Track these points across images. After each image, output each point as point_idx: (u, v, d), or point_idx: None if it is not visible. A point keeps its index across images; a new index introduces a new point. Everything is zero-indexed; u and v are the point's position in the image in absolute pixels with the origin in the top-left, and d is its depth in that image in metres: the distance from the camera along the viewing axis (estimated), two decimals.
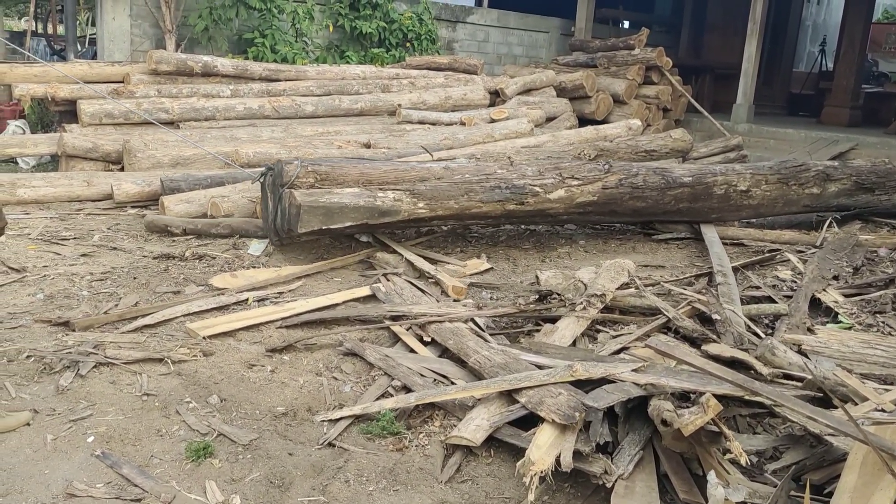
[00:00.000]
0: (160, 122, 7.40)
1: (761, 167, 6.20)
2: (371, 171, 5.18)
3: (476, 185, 5.17)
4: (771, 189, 6.08)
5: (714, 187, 5.85)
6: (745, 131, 11.52)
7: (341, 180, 5.03)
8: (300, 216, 4.59)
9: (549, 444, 2.59)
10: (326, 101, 8.49)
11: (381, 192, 4.88)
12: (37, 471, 2.55)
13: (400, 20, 11.53)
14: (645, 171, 5.71)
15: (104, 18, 9.72)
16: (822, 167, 6.33)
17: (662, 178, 5.71)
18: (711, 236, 5.62)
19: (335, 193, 4.77)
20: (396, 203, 4.87)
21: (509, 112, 9.01)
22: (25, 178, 6.11)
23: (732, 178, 5.94)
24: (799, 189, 6.17)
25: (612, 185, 5.53)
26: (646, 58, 11.42)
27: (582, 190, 5.44)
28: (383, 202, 4.83)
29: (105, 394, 3.05)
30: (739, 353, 3.30)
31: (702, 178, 5.85)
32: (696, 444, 2.63)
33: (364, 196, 4.80)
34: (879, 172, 6.53)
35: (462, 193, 5.11)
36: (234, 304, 4.07)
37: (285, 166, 4.93)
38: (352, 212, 4.73)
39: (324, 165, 5.05)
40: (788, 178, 6.13)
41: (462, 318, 3.77)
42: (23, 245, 4.88)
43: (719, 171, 6.00)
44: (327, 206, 4.66)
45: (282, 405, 3.09)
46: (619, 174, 5.58)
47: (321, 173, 4.99)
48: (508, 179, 5.31)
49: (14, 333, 3.53)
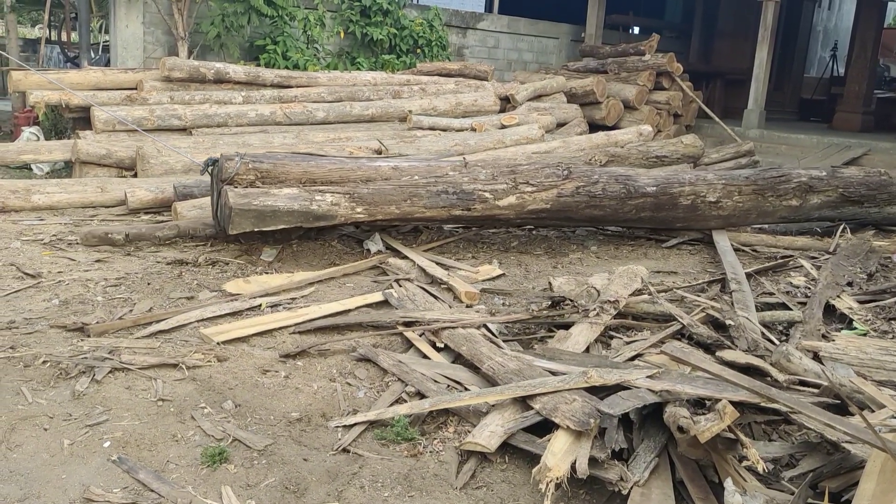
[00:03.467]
0: (173, 128, 7.45)
1: (737, 176, 5.93)
2: (314, 170, 5.02)
3: (422, 189, 5.03)
4: (744, 200, 5.82)
5: (680, 198, 5.64)
6: (756, 137, 11.49)
7: (283, 178, 4.89)
8: (231, 218, 4.55)
9: (565, 451, 2.58)
10: (337, 107, 8.52)
11: (319, 194, 4.76)
12: (54, 476, 2.56)
13: (410, 27, 11.58)
14: (606, 179, 5.48)
15: (117, 26, 9.79)
16: (805, 178, 5.99)
17: (624, 188, 5.49)
18: (724, 245, 5.55)
19: (271, 195, 4.66)
20: (333, 208, 4.75)
21: (520, 118, 9.02)
22: (40, 185, 6.15)
23: (701, 188, 5.69)
24: (776, 201, 5.90)
25: (567, 194, 5.34)
26: (656, 63, 11.42)
27: (534, 197, 5.26)
28: (319, 206, 4.72)
29: (121, 399, 3.06)
30: (755, 360, 3.28)
31: (667, 188, 5.61)
32: (712, 452, 2.62)
33: (300, 199, 4.69)
34: (871, 184, 6.20)
35: (405, 198, 4.96)
36: (247, 309, 4.09)
37: (226, 162, 4.80)
38: (285, 216, 4.64)
39: (265, 162, 4.90)
40: (765, 189, 5.87)
41: (475, 324, 3.77)
42: (38, 251, 4.91)
43: (688, 180, 5.73)
44: (259, 210, 4.57)
45: (296, 411, 3.09)
46: (577, 181, 5.39)
47: (262, 170, 4.85)
48: (458, 184, 5.14)
49: (30, 339, 3.55)
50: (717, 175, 5.90)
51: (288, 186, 4.83)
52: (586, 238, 6.00)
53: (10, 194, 5.86)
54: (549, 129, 9.33)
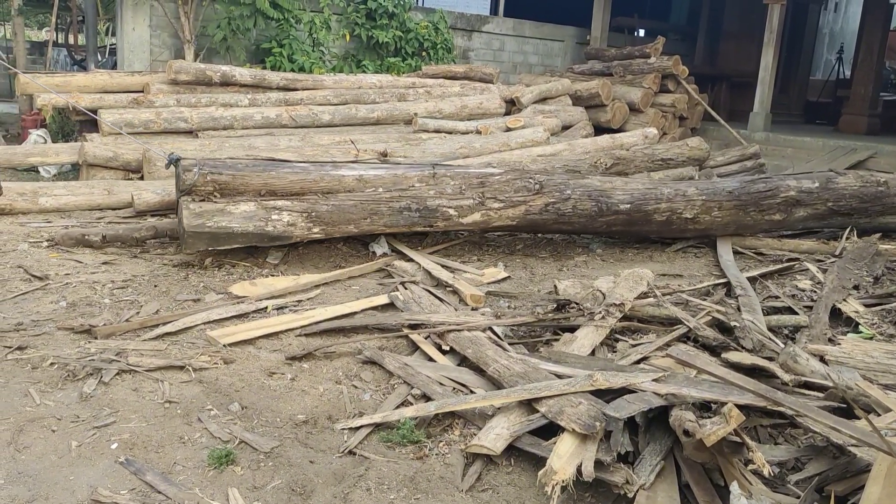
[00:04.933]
0: (179, 131, 7.48)
1: (720, 191, 5.73)
2: (275, 181, 4.89)
3: (384, 206, 4.94)
4: (724, 215, 5.71)
5: (655, 214, 5.55)
6: (762, 140, 11.47)
7: (242, 190, 4.79)
8: (185, 238, 4.54)
9: (570, 454, 2.59)
10: (343, 109, 8.54)
11: (276, 213, 4.69)
12: (62, 477, 2.57)
13: (416, 29, 11.59)
14: (579, 195, 5.34)
15: (124, 29, 9.84)
16: (794, 192, 5.80)
17: (596, 205, 5.37)
18: (727, 259, 5.43)
19: (226, 214, 4.58)
20: (289, 228, 4.70)
21: (525, 121, 9.02)
22: (47, 187, 6.17)
23: (679, 205, 5.57)
24: (758, 215, 5.79)
25: (535, 211, 5.25)
26: (662, 66, 11.41)
27: (500, 214, 5.19)
28: (274, 227, 4.66)
29: (128, 401, 3.08)
30: (761, 361, 3.29)
31: (642, 205, 5.49)
32: (717, 455, 2.62)
33: (255, 219, 4.62)
34: (866, 196, 6.00)
35: (365, 216, 4.87)
36: (253, 312, 4.10)
37: (184, 173, 4.68)
38: (240, 237, 4.60)
39: (224, 174, 4.75)
40: (748, 204, 5.73)
41: (480, 327, 3.77)
42: (45, 253, 4.93)
43: (666, 195, 5.57)
44: (213, 233, 4.53)
45: (302, 413, 3.10)
46: (548, 196, 5.26)
47: (220, 182, 4.72)
48: (422, 199, 5.03)
49: (38, 340, 3.57)
50: (698, 189, 5.71)
51: (246, 201, 4.72)
52: (591, 241, 6.00)
53: (17, 196, 5.89)
54: (554, 131, 9.33)
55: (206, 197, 4.69)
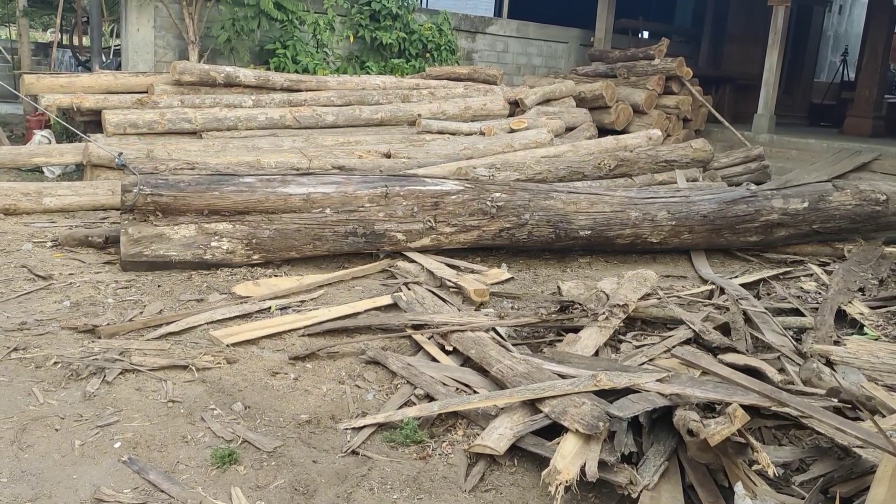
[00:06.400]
0: (183, 131, 7.48)
1: (693, 214, 5.48)
2: (218, 201, 4.71)
3: (328, 230, 4.83)
4: (694, 237, 5.55)
5: (617, 239, 5.42)
6: (766, 142, 11.45)
7: (184, 209, 4.68)
8: (122, 264, 4.59)
9: (574, 454, 2.58)
10: (347, 111, 8.54)
11: (215, 240, 4.66)
12: (65, 476, 2.57)
13: (420, 31, 11.59)
14: (535, 223, 5.17)
15: (129, 30, 9.85)
16: (776, 216, 5.58)
17: (553, 232, 5.23)
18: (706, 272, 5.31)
19: (164, 241, 4.58)
20: (228, 256, 4.69)
21: (529, 122, 9.01)
22: (51, 187, 6.18)
23: (645, 230, 5.41)
24: (732, 237, 5.63)
25: (488, 237, 5.14)
26: (666, 68, 11.39)
27: (451, 239, 5.09)
28: (213, 255, 4.67)
29: (131, 400, 3.08)
30: (753, 362, 3.28)
31: (604, 231, 5.33)
32: (721, 456, 2.61)
33: (194, 247, 4.63)
34: (857, 216, 5.71)
35: (307, 242, 4.81)
36: (256, 312, 4.10)
37: (124, 193, 4.58)
38: (178, 265, 4.62)
39: (165, 195, 4.60)
40: (722, 228, 5.55)
41: (484, 328, 3.77)
42: (49, 253, 4.94)
43: (632, 220, 5.36)
44: (151, 261, 4.57)
45: (305, 413, 3.10)
46: (503, 222, 5.11)
47: (162, 203, 4.61)
48: (370, 222, 4.90)
49: (41, 340, 3.58)
50: (669, 213, 5.46)
51: (188, 223, 4.67)
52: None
53: (21, 196, 5.90)
54: (558, 133, 9.31)
55: (146, 216, 4.63)
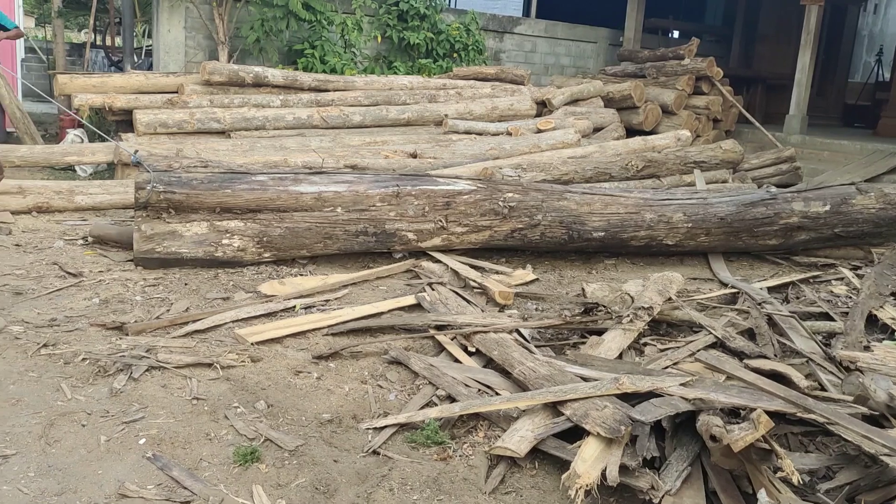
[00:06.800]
0: (212, 131, 7.57)
1: (710, 217, 5.39)
2: (230, 199, 4.75)
3: (339, 229, 4.85)
4: (711, 240, 5.47)
5: (631, 241, 5.35)
6: (797, 143, 11.29)
7: (197, 207, 4.72)
8: (135, 260, 4.67)
9: (595, 458, 2.56)
10: (374, 111, 8.57)
11: (226, 237, 4.72)
12: (90, 471, 2.61)
13: (447, 31, 11.60)
14: (548, 224, 5.13)
15: (160, 31, 9.98)
16: (796, 219, 5.47)
17: (566, 233, 5.18)
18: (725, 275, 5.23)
19: (176, 238, 4.65)
20: (239, 253, 4.74)
21: (556, 122, 8.98)
22: (83, 186, 6.28)
23: (660, 232, 5.34)
24: (750, 240, 5.53)
25: (500, 237, 5.11)
26: (696, 68, 11.28)
27: (462, 239, 5.07)
28: (224, 252, 4.72)
29: (156, 397, 3.11)
30: (779, 367, 3.23)
31: (618, 233, 5.27)
32: (745, 462, 2.58)
33: (205, 244, 4.69)
34: (881, 220, 5.57)
35: (318, 240, 4.84)
36: (281, 311, 4.13)
37: (138, 190, 4.63)
38: (189, 262, 4.69)
39: (178, 193, 4.64)
40: (740, 231, 5.46)
41: (507, 329, 3.76)
42: (80, 251, 5.02)
43: (648, 222, 5.28)
44: (162, 258, 4.65)
45: (327, 412, 3.12)
46: (515, 223, 5.08)
47: (175, 201, 4.66)
48: (381, 222, 4.90)
49: (70, 336, 3.64)
50: (686, 216, 5.37)
51: (199, 221, 4.72)
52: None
53: (54, 195, 6.01)
54: (585, 133, 9.26)
55: (159, 214, 4.69)
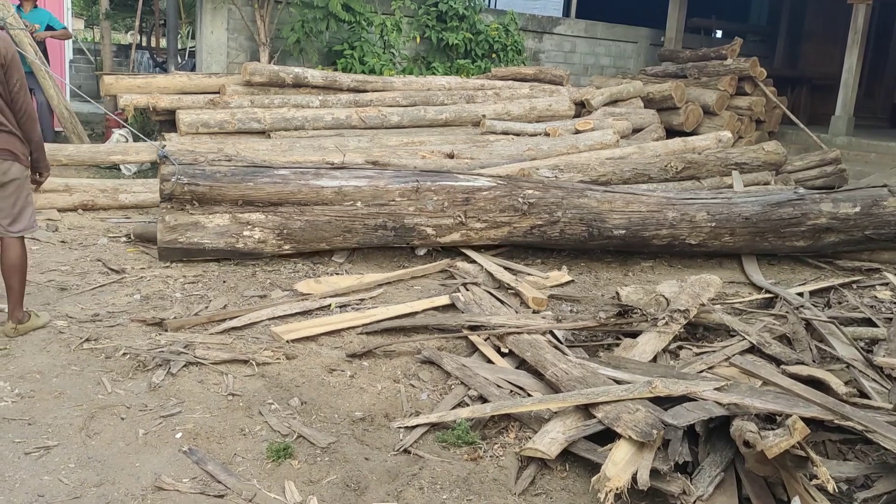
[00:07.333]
0: (252, 131, 7.67)
1: (734, 216, 5.30)
2: (252, 192, 4.83)
3: (358, 223, 4.89)
4: (735, 240, 5.37)
5: (653, 240, 5.26)
6: (843, 144, 11.04)
7: (219, 199, 4.81)
8: (159, 251, 4.75)
9: (626, 461, 2.54)
10: (412, 111, 8.60)
11: (248, 229, 4.78)
12: (128, 463, 2.67)
13: (486, 31, 11.58)
14: (568, 220, 5.06)
15: (203, 32, 10.15)
16: (824, 220, 5.35)
17: (587, 230, 5.10)
18: (757, 278, 5.14)
19: (199, 229, 4.73)
20: (259, 245, 4.80)
21: (595, 123, 8.91)
22: (127, 184, 6.43)
23: (683, 231, 5.24)
24: (777, 241, 5.43)
25: (519, 234, 5.08)
26: (738, 68, 11.09)
27: (481, 235, 5.05)
28: (245, 244, 4.79)
29: (193, 392, 3.17)
30: (817, 373, 3.17)
31: (640, 231, 5.18)
32: (780, 469, 2.54)
33: (227, 236, 4.76)
34: None
35: (338, 234, 4.88)
36: (317, 309, 4.18)
37: (163, 182, 4.73)
38: (211, 252, 4.77)
39: (201, 185, 4.74)
40: (766, 231, 5.34)
41: (541, 330, 3.75)
42: (123, 248, 5.13)
43: (670, 221, 5.19)
44: (185, 248, 4.73)
45: (360, 410, 3.14)
46: (534, 219, 5.03)
47: (198, 193, 4.75)
48: (400, 216, 4.92)
49: (112, 331, 3.72)
50: (709, 214, 5.29)
51: (222, 213, 4.81)
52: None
53: (99, 193, 6.15)
54: (624, 134, 9.18)
55: (183, 206, 4.79)
